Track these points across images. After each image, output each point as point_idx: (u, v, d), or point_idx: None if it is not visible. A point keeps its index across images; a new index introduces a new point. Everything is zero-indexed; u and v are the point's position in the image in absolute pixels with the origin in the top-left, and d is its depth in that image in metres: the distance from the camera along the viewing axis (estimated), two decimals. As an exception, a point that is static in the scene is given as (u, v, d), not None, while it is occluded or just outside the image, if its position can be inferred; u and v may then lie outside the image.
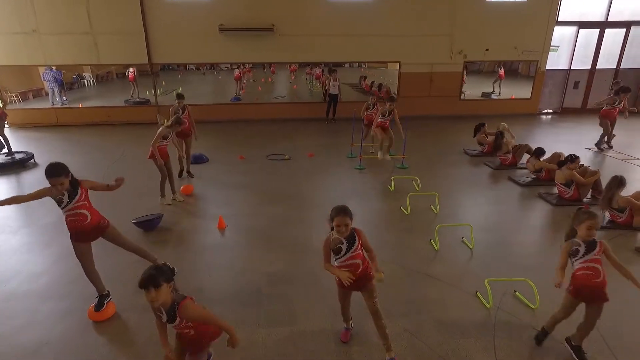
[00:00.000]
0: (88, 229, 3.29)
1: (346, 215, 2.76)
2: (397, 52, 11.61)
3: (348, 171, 7.31)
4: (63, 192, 3.11)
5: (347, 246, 2.80)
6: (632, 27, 12.52)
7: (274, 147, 8.77)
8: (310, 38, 11.17)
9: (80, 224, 3.24)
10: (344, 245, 2.80)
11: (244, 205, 5.78)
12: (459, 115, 12.30)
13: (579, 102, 13.21)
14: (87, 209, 3.27)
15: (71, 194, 3.17)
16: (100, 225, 3.38)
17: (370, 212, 5.57)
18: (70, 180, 3.13)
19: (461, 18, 11.42)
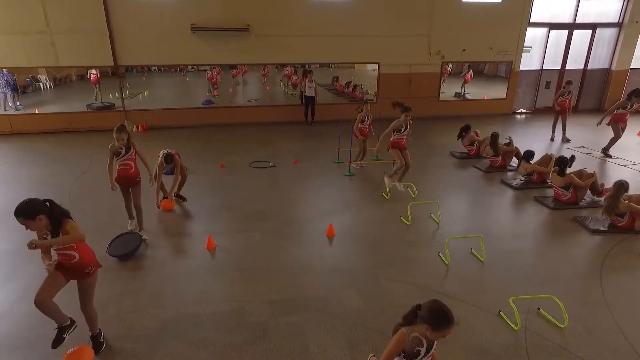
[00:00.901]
0: None
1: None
2: (376, 53, 11.41)
3: (337, 178, 6.98)
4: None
5: (425, 350, 2.15)
6: (597, 28, 12.94)
7: (255, 154, 8.30)
8: (287, 39, 10.74)
9: None
10: (423, 349, 2.13)
11: (232, 220, 5.32)
12: (438, 116, 12.28)
13: (551, 102, 13.51)
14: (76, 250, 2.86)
15: None
16: None
17: (369, 223, 5.26)
18: None
19: (439, 18, 11.36)
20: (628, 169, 7.35)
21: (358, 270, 4.12)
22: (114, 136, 4.46)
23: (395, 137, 5.97)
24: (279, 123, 11.30)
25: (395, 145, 6.02)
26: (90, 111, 10.64)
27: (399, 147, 6.02)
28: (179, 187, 5.90)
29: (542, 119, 12.33)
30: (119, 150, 4.51)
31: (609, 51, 13.35)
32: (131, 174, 4.61)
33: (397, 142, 6.00)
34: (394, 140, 6.00)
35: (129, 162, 4.57)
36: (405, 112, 5.85)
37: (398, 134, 5.95)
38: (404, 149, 6.05)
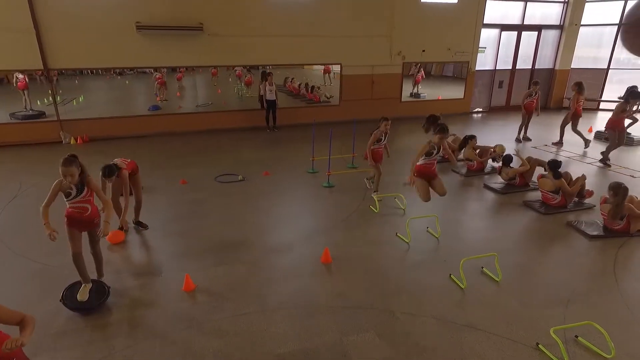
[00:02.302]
0: None
1: None
2: (337, 54, 10.99)
3: (316, 190, 6.42)
4: None
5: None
6: (542, 30, 13.54)
7: (219, 166, 7.50)
8: (244, 39, 9.97)
9: None
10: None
11: (207, 251, 4.56)
12: (401, 117, 12.14)
13: (504, 100, 13.98)
14: None
15: None
16: None
17: (364, 242, 4.76)
18: None
19: (399, 19, 11.19)
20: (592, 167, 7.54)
21: (368, 303, 3.60)
22: (60, 171, 3.20)
23: (426, 162, 4.81)
24: (238, 129, 10.51)
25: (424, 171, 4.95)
26: (16, 122, 9.13)
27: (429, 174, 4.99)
28: (136, 211, 5.00)
29: (497, 117, 12.67)
30: (68, 190, 3.35)
31: (553, 52, 14.04)
32: (87, 217, 3.49)
33: (427, 168, 4.87)
34: (425, 165, 4.87)
35: (84, 204, 3.44)
36: (440, 134, 4.59)
37: (428, 158, 4.90)
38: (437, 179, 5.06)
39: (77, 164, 3.25)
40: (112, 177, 4.34)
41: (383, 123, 5.60)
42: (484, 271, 4.08)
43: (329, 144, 6.55)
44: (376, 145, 5.70)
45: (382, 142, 5.72)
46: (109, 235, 4.61)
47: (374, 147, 5.69)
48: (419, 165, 4.74)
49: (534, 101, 9.26)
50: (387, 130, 5.64)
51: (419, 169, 4.75)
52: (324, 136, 7.55)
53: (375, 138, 5.63)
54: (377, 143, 5.68)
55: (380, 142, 5.71)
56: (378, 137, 5.65)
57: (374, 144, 5.67)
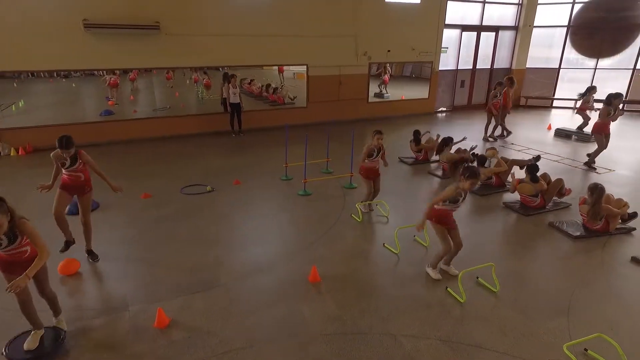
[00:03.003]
0: None
1: None
2: (304, 54, 10.65)
3: (293, 200, 6.05)
4: None
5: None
6: (499, 31, 13.94)
7: (184, 176, 6.93)
8: (204, 39, 9.38)
9: None
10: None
11: (179, 277, 4.06)
12: (368, 118, 12.04)
13: (465, 100, 14.27)
14: None
15: None
16: None
17: (351, 256, 4.46)
18: None
19: (364, 19, 11.03)
20: (560, 164, 7.73)
21: (367, 327, 3.30)
22: None
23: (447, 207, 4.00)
24: (202, 135, 9.90)
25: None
26: (-58, 133, 8.01)
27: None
28: (86, 238, 4.28)
29: (461, 116, 12.89)
30: None
31: (509, 52, 14.51)
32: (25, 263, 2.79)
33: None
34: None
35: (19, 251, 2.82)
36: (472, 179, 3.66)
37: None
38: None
39: (5, 210, 2.55)
40: (70, 150, 3.89)
41: (375, 137, 5.14)
42: (480, 282, 3.91)
43: (304, 149, 6.18)
44: (368, 162, 5.23)
45: (374, 158, 5.23)
46: (61, 266, 4.01)
47: (366, 163, 5.24)
48: (437, 209, 3.85)
49: (498, 102, 9.38)
50: (379, 144, 5.18)
51: (436, 214, 3.85)
52: (292, 140, 7.18)
53: (367, 153, 5.18)
54: (369, 158, 5.21)
55: (373, 157, 5.21)
56: (370, 152, 5.18)
57: (366, 159, 5.21)
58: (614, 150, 8.83)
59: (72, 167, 4.01)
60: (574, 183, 6.49)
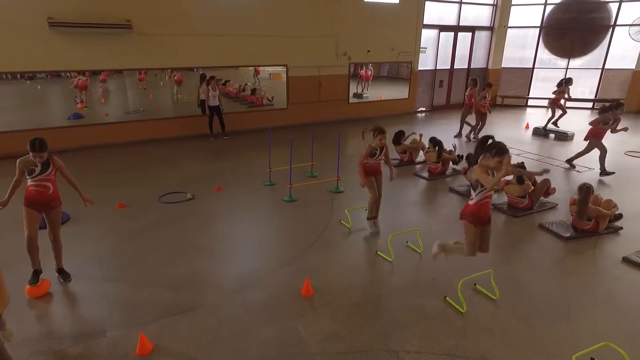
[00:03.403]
0: None
1: None
2: (283, 55, 10.41)
3: (278, 206, 5.81)
4: None
5: None
6: (476, 31, 14.11)
7: (162, 183, 6.58)
8: (180, 39, 9.01)
9: None
10: None
11: (163, 296, 3.77)
12: (348, 118, 11.92)
13: (444, 99, 14.37)
14: None
15: None
16: None
17: (344, 266, 4.27)
18: None
19: (343, 19, 10.89)
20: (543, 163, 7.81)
21: (367, 344, 3.13)
22: None
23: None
24: (178, 139, 9.51)
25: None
26: None
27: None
28: (56, 257, 3.93)
29: (440, 115, 12.95)
30: None
31: (485, 52, 14.72)
32: None
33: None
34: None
35: None
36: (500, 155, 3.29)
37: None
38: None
39: None
40: (43, 153, 3.58)
41: (378, 137, 4.61)
42: (478, 288, 3.80)
43: (289, 152, 5.94)
44: (370, 161, 4.75)
45: (377, 157, 4.73)
46: (29, 288, 3.66)
47: (367, 162, 4.75)
48: (473, 204, 3.42)
49: (487, 103, 9.31)
50: (382, 144, 4.67)
51: (473, 211, 3.41)
52: (274, 142, 6.93)
53: (368, 153, 4.69)
54: (370, 158, 4.73)
55: (376, 156, 4.72)
56: (371, 152, 4.70)
57: (367, 159, 4.73)
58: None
59: (43, 175, 3.64)
60: (556, 182, 6.51)
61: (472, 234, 3.48)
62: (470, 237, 3.50)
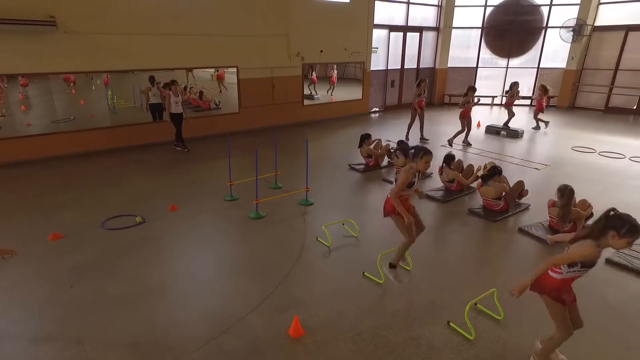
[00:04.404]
0: None
1: None
2: (233, 55, 9.71)
3: (245, 225, 5.22)
4: None
5: None
6: (423, 31, 14.31)
7: (105, 204, 5.69)
8: (115, 38, 8.01)
9: None
10: None
11: (120, 354, 3.08)
12: (304, 122, 11.50)
13: (396, 99, 14.43)
14: None
15: None
16: None
17: (331, 294, 3.81)
18: None
19: (294, 17, 10.42)
20: (503, 163, 7.92)
21: (376, 392, 2.70)
22: None
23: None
24: (120, 150, 8.50)
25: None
26: None
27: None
28: None
29: (394, 116, 12.95)
30: None
31: (432, 52, 14.99)
32: None
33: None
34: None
35: None
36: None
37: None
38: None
39: None
40: None
41: (423, 159, 3.54)
42: (480, 308, 3.53)
43: (255, 164, 5.35)
44: (405, 192, 3.74)
45: (414, 187, 3.78)
46: None
47: (403, 194, 3.72)
48: (560, 279, 2.62)
49: (469, 109, 8.93)
50: (425, 169, 3.68)
51: (558, 287, 2.63)
52: (225, 150, 6.31)
53: (407, 180, 3.62)
54: (407, 189, 3.72)
55: (414, 185, 3.76)
56: (410, 181, 3.66)
57: (404, 189, 3.68)
58: (540, 145, 9.38)
59: None
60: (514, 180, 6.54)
61: (562, 312, 2.68)
62: (560, 317, 2.69)
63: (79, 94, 8.47)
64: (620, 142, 9.38)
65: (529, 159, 8.15)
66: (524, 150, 8.87)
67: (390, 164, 7.61)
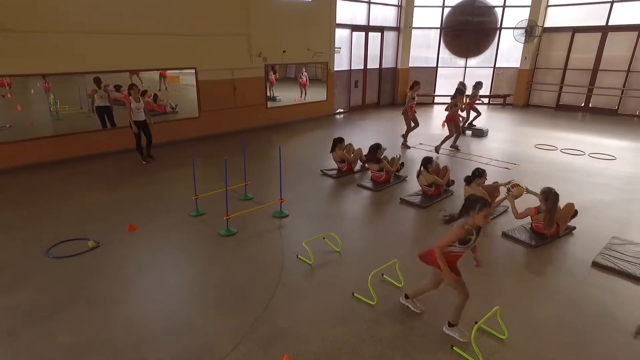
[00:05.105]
0: None
1: None
2: (191, 56, 9.05)
3: (216, 244, 4.71)
4: None
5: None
6: (385, 31, 14.25)
7: (51, 226, 4.96)
8: (58, 37, 7.15)
9: None
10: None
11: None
12: (268, 125, 11.03)
13: (360, 100, 14.27)
14: None
15: None
16: None
17: (317, 320, 3.44)
18: None
19: (255, 16, 9.91)
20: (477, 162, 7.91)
21: None
22: None
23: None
24: (65, 162, 7.63)
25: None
26: None
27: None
28: None
29: (358, 117, 12.80)
30: None
31: (394, 52, 14.99)
32: None
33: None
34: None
35: None
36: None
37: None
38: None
39: None
40: None
41: (482, 212, 2.87)
42: (483, 328, 3.29)
43: (224, 174, 4.85)
44: (457, 249, 3.04)
45: (472, 244, 3.04)
46: None
47: (453, 250, 3.05)
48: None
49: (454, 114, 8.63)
50: (486, 223, 2.97)
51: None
52: (187, 158, 5.77)
53: (455, 239, 2.97)
54: (459, 245, 3.01)
55: (471, 243, 3.02)
56: (466, 237, 2.96)
57: (454, 245, 3.02)
58: (504, 144, 9.53)
59: None
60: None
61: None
62: None
63: (15, 99, 7.48)
64: (575, 139, 9.74)
65: (497, 158, 8.20)
66: (490, 149, 8.95)
67: (363, 168, 7.35)
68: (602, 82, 13.43)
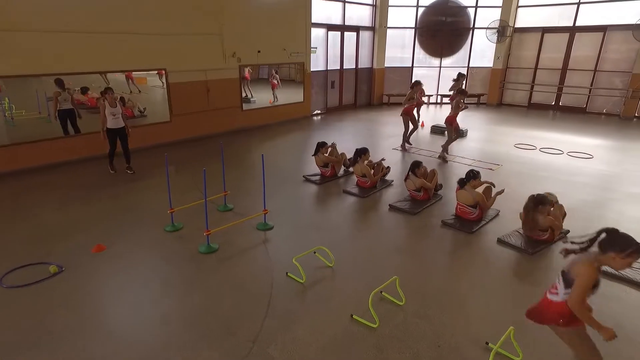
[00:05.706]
0: None
1: None
2: (160, 57, 8.50)
3: (196, 263, 4.29)
4: None
5: None
6: (360, 31, 14.07)
7: (5, 250, 4.38)
8: (10, 35, 6.47)
9: None
10: None
11: None
12: (244, 128, 10.59)
13: (337, 101, 14.03)
14: None
15: None
16: None
17: (317, 345, 3.11)
18: None
19: (229, 14, 9.46)
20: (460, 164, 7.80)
21: None
22: None
23: None
24: (21, 173, 6.94)
25: None
26: None
27: None
28: None
29: (336, 118, 12.57)
30: None
31: (370, 52, 14.84)
32: None
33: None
34: None
35: None
36: None
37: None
38: None
39: None
40: None
41: (630, 258, 2.26)
42: (495, 349, 3.06)
43: (203, 186, 4.43)
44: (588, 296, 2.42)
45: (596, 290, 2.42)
46: None
47: None
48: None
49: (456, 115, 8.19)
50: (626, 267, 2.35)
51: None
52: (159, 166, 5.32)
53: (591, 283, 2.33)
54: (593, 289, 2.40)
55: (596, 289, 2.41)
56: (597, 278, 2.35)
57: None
58: (484, 144, 9.51)
59: None
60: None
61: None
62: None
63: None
64: (550, 137, 9.86)
65: (478, 158, 8.13)
66: (472, 149, 8.89)
67: (347, 173, 7.08)
68: (571, 81, 13.78)
